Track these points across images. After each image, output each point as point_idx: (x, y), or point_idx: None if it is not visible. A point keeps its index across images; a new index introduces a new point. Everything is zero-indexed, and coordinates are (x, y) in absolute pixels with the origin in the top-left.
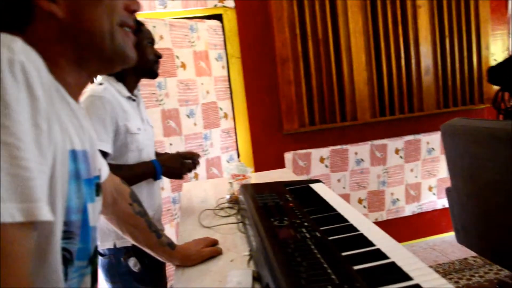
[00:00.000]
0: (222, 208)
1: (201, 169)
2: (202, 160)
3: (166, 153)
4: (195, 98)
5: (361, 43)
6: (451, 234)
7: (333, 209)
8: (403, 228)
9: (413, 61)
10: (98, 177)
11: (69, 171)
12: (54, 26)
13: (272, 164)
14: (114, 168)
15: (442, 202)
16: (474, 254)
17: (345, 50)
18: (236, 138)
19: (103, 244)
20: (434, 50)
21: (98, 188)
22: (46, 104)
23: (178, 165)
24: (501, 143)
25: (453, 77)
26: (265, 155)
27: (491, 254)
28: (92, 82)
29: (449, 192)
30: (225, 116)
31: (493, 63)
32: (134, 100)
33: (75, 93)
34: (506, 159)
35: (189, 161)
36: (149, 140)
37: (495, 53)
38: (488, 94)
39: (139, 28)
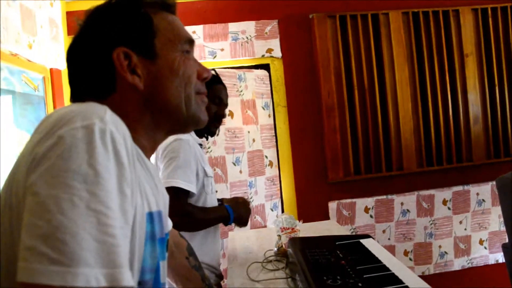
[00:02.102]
0: (270, 261)
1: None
2: None
3: (224, 199)
4: (241, 146)
5: (408, 92)
6: None
7: (387, 268)
8: (452, 283)
9: (461, 110)
10: (168, 233)
11: (145, 232)
12: (134, 96)
13: (316, 212)
14: (200, 210)
15: (495, 257)
16: None
17: (391, 99)
18: (280, 186)
19: None
20: (483, 99)
21: (167, 244)
22: (130, 170)
23: (246, 212)
24: None
25: (504, 126)
26: (309, 203)
27: None
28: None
29: (506, 248)
30: (270, 164)
31: None
32: (201, 145)
33: (149, 154)
34: None
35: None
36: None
37: None
38: None
39: (212, 86)
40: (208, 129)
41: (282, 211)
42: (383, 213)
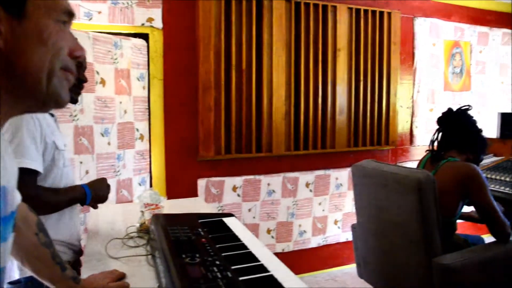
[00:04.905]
0: (131, 237)
1: (111, 191)
2: (112, 181)
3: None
4: (111, 117)
5: (283, 78)
6: (352, 266)
7: (245, 247)
8: (309, 259)
9: (329, 100)
10: (14, 212)
11: None
12: None
13: (184, 189)
14: (49, 192)
15: (346, 236)
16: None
17: (267, 83)
18: (150, 161)
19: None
20: (349, 91)
21: (14, 224)
22: None
23: (106, 190)
24: (405, 189)
25: (364, 119)
26: (179, 179)
27: None
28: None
29: (354, 228)
30: (141, 137)
31: (399, 109)
32: (53, 115)
33: (1, 123)
34: (407, 204)
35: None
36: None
37: (402, 99)
38: (393, 137)
39: None
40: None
41: (151, 186)
42: (250, 193)
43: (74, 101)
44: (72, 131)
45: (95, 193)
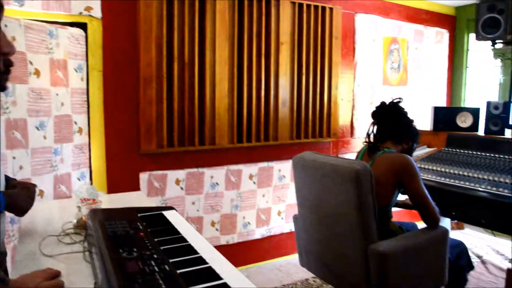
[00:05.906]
0: (67, 234)
1: (48, 186)
2: (49, 177)
3: (15, 180)
4: (47, 109)
5: (226, 70)
6: (296, 256)
7: (184, 240)
8: (253, 251)
9: (272, 92)
10: None
11: None
12: None
13: (126, 183)
14: None
15: (289, 226)
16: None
17: (210, 76)
18: (89, 155)
19: None
20: (292, 84)
21: None
22: None
23: (27, 202)
24: (343, 179)
25: (306, 112)
26: (120, 174)
27: (328, 277)
28: None
29: (296, 219)
30: (80, 131)
31: (340, 102)
32: None
33: None
34: (346, 194)
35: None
36: None
37: (342, 92)
38: (335, 129)
39: None
40: None
41: (91, 181)
42: (193, 186)
43: (3, 88)
44: (3, 124)
45: (13, 201)
